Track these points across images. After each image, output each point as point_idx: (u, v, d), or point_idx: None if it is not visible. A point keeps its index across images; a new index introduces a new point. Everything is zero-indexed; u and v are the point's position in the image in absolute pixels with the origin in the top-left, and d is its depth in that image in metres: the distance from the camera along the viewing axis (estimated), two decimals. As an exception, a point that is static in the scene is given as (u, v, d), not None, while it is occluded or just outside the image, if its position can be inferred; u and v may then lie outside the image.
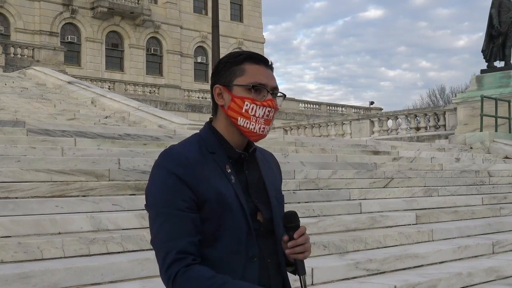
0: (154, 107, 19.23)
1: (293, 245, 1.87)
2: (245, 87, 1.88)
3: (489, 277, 5.67)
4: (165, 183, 1.81)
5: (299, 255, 1.88)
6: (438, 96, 58.86)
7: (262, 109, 1.88)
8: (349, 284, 4.91)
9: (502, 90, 16.83)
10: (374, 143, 13.42)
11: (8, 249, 4.15)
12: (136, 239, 4.75)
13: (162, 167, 1.84)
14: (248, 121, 1.88)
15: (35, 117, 12.80)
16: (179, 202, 1.80)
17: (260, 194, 1.94)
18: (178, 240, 1.78)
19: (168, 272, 1.79)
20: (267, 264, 1.92)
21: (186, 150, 1.87)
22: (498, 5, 17.71)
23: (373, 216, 6.90)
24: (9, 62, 24.77)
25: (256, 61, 1.91)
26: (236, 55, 1.93)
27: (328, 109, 42.41)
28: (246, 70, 1.89)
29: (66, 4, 40.36)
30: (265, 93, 1.89)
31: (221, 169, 1.87)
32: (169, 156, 1.85)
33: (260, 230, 1.91)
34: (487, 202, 9.29)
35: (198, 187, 1.81)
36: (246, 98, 1.87)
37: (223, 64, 1.92)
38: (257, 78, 1.89)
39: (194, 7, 47.15)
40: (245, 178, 1.92)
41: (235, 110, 1.88)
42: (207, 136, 1.93)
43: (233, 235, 1.85)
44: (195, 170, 1.83)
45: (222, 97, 1.91)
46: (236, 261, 1.84)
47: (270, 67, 1.95)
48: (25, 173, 5.88)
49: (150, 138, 9.25)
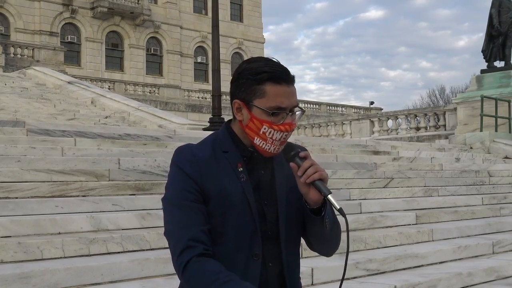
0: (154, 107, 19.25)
1: (302, 170, 1.85)
2: (264, 111, 1.88)
3: (489, 277, 5.67)
4: (176, 177, 1.91)
5: (315, 176, 1.84)
6: (438, 96, 58.92)
7: (279, 133, 1.89)
8: (349, 284, 4.91)
9: (502, 90, 16.83)
10: (374, 143, 13.42)
11: (8, 249, 4.15)
12: (136, 239, 4.75)
13: (173, 163, 1.94)
14: (264, 142, 1.90)
15: (35, 117, 12.80)
16: (189, 194, 1.87)
17: (270, 195, 1.95)
18: (189, 228, 1.84)
19: (179, 259, 1.83)
20: (267, 267, 1.92)
21: (197, 148, 1.95)
22: (498, 5, 17.71)
23: (373, 216, 6.90)
24: (9, 62, 24.77)
25: (278, 81, 1.87)
26: (259, 72, 1.87)
27: (328, 109, 42.40)
28: (267, 92, 1.87)
29: (66, 4, 40.37)
30: (284, 116, 1.89)
31: (232, 167, 1.91)
32: (179, 153, 1.95)
33: (267, 232, 1.92)
34: (487, 202, 9.29)
35: (204, 183, 1.88)
36: (265, 122, 1.88)
37: (245, 79, 1.89)
38: (277, 102, 1.87)
39: (194, 7, 47.15)
40: (258, 177, 1.95)
41: (253, 130, 1.90)
42: (222, 135, 1.98)
43: (237, 233, 1.88)
44: (201, 167, 1.89)
45: (241, 113, 1.92)
46: (239, 258, 1.87)
47: (292, 83, 1.91)
48: (25, 173, 5.87)
49: (150, 138, 9.25)
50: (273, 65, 1.90)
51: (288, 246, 1.96)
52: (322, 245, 2.03)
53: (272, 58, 1.94)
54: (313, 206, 1.89)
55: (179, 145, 2.03)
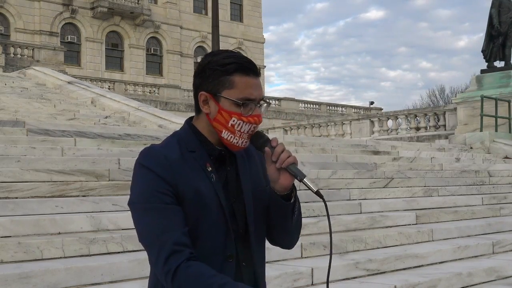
0: (154, 107, 19.23)
1: (276, 155, 1.83)
2: (233, 102, 1.84)
3: (489, 277, 5.67)
4: (147, 180, 1.81)
5: (289, 160, 1.83)
6: (438, 96, 58.89)
7: (248, 125, 1.86)
8: (349, 284, 4.91)
9: (502, 90, 16.83)
10: (374, 143, 13.42)
11: (8, 249, 4.15)
12: (136, 239, 4.70)
13: (142, 166, 1.84)
14: (232, 135, 1.86)
15: (35, 117, 12.79)
16: (163, 196, 1.79)
17: (237, 192, 1.92)
18: (171, 232, 1.77)
19: (166, 266, 1.76)
20: (241, 267, 1.91)
21: (165, 150, 1.86)
22: (498, 5, 17.71)
23: (373, 216, 6.90)
24: (9, 62, 24.76)
25: (247, 72, 1.85)
26: (226, 63, 1.84)
27: (328, 109, 42.40)
28: (235, 83, 1.84)
29: (66, 4, 40.37)
30: (253, 107, 1.86)
31: (202, 167, 1.86)
32: (148, 155, 1.85)
33: (239, 231, 1.90)
34: (487, 202, 9.29)
35: (177, 186, 1.81)
36: (234, 113, 1.84)
37: (212, 70, 1.86)
38: (246, 93, 1.84)
39: (194, 7, 47.15)
40: (225, 176, 1.91)
41: (221, 123, 1.86)
42: (186, 135, 1.91)
43: (211, 235, 1.84)
44: (174, 170, 1.82)
45: (208, 105, 1.88)
46: (213, 260, 1.83)
47: (258, 75, 1.89)
48: (25, 173, 5.87)
49: (150, 138, 9.25)
50: (240, 57, 1.88)
51: (257, 243, 1.94)
52: (285, 236, 1.98)
53: (236, 51, 1.93)
54: (282, 192, 1.87)
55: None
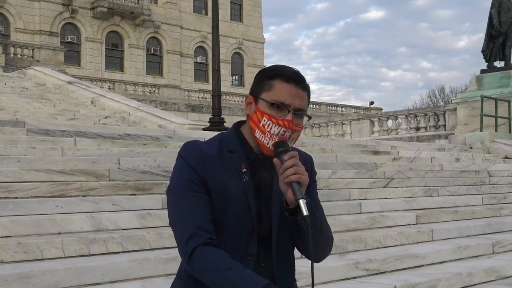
0: (154, 107, 19.24)
1: (283, 169, 1.86)
2: (267, 103, 1.93)
3: (489, 277, 5.66)
4: (181, 169, 1.97)
5: (292, 177, 1.85)
6: (438, 96, 58.89)
7: (277, 127, 1.92)
8: (349, 284, 4.92)
9: (502, 90, 16.83)
10: (374, 143, 13.42)
11: (8, 249, 4.15)
12: (136, 239, 4.75)
13: (180, 156, 2.00)
14: (263, 135, 1.94)
15: (35, 117, 12.80)
16: (194, 185, 1.93)
17: (268, 197, 2.00)
18: (195, 217, 1.90)
19: (186, 247, 1.88)
20: (260, 267, 1.96)
21: (204, 145, 2.00)
22: (498, 5, 17.71)
23: (373, 216, 6.90)
24: (9, 62, 24.76)
25: (287, 80, 1.94)
26: (271, 69, 1.98)
27: (328, 109, 42.38)
28: (273, 87, 1.94)
29: (66, 4, 40.35)
30: (286, 112, 1.93)
31: (237, 167, 1.96)
32: (187, 147, 2.00)
33: (263, 233, 1.97)
34: (487, 202, 9.29)
35: (207, 178, 1.94)
36: (266, 114, 1.93)
37: (259, 75, 1.99)
38: (280, 97, 1.93)
39: (194, 7, 47.13)
40: (259, 179, 1.99)
41: (255, 122, 1.96)
42: (229, 136, 2.03)
43: (234, 231, 1.93)
44: (207, 164, 1.95)
45: (250, 107, 1.99)
46: (234, 255, 1.90)
47: (303, 87, 1.96)
48: (25, 173, 5.87)
49: (150, 138, 9.25)
50: (287, 67, 1.98)
51: (279, 248, 1.99)
52: (306, 249, 1.99)
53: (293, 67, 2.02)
54: (291, 206, 1.91)
55: (179, 145, 2.06)
